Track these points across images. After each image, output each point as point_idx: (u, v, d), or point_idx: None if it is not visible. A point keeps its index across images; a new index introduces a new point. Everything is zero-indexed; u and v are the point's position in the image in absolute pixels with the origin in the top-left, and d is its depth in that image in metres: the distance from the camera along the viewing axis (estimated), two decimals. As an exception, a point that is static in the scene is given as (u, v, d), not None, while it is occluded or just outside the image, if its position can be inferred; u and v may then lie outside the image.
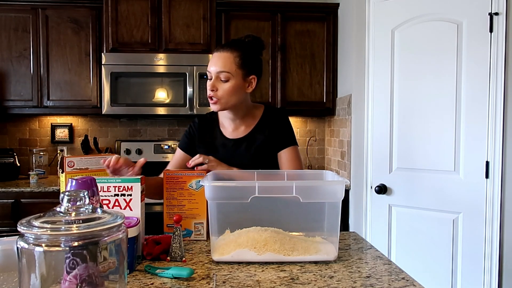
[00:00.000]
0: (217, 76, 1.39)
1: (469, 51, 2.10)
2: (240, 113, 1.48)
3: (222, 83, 1.39)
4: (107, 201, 1.13)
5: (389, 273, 1.01)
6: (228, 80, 1.38)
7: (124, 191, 1.14)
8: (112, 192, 1.13)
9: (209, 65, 1.41)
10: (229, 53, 1.39)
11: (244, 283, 0.94)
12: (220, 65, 1.38)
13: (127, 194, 1.14)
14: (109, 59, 2.84)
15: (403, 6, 2.29)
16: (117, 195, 1.13)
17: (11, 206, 2.62)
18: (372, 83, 2.41)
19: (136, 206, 1.13)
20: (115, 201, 1.13)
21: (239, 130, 1.51)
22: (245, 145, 1.48)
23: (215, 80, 1.39)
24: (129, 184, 1.14)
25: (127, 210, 1.13)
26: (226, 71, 1.38)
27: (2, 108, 2.92)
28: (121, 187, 1.13)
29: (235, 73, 1.39)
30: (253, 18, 3.00)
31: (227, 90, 1.39)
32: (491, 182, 2.07)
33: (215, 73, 1.39)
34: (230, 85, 1.39)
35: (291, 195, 1.06)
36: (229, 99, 1.40)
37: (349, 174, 2.69)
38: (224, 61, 1.38)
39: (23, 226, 0.66)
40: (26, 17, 2.90)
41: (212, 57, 1.42)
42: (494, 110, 2.04)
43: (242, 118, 1.50)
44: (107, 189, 1.13)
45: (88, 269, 0.69)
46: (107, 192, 1.13)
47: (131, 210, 1.13)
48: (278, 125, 1.50)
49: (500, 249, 2.06)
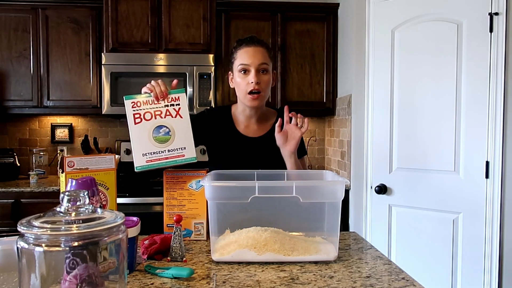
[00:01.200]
0: (258, 68, 1.39)
1: (469, 51, 2.10)
2: (259, 112, 1.50)
3: (262, 75, 1.40)
4: (159, 112, 1.23)
5: (389, 273, 1.01)
6: (267, 72, 1.42)
7: (173, 101, 1.24)
8: (162, 104, 1.23)
9: (243, 59, 1.40)
10: (262, 48, 1.42)
11: (244, 283, 0.94)
12: (261, 57, 1.40)
13: (175, 104, 1.24)
14: (109, 59, 2.84)
15: (403, 6, 2.29)
16: (167, 105, 1.24)
17: (11, 206, 2.62)
18: (372, 83, 2.41)
19: (185, 114, 1.24)
20: (166, 111, 1.24)
21: (252, 129, 1.52)
22: (265, 145, 1.49)
23: (257, 72, 1.39)
24: (176, 95, 1.25)
25: (177, 118, 1.23)
26: (266, 62, 1.41)
27: (2, 108, 2.92)
28: (169, 98, 1.25)
29: (270, 66, 1.43)
30: (253, 18, 3.00)
31: (267, 82, 1.42)
32: (491, 182, 2.07)
33: (257, 65, 1.39)
34: (269, 77, 1.43)
35: (291, 195, 1.06)
36: (267, 92, 1.44)
37: (349, 174, 2.69)
38: (263, 54, 1.41)
39: (23, 226, 0.66)
40: (26, 17, 2.90)
41: (244, 51, 1.41)
42: (494, 110, 2.04)
43: (258, 117, 1.51)
44: (157, 101, 1.23)
45: (88, 269, 0.69)
46: (158, 104, 1.23)
47: (181, 117, 1.24)
48: None
49: (500, 249, 2.06)
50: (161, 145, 1.22)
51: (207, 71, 2.88)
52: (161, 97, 1.23)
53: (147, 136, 1.22)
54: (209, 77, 2.88)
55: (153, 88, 1.24)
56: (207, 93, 2.88)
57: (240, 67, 1.41)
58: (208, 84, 2.88)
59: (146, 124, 1.22)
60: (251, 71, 1.39)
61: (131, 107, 1.23)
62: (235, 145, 1.50)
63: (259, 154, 1.49)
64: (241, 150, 1.50)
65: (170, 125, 1.23)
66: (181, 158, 1.22)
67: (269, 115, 1.56)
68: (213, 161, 1.55)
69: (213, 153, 1.55)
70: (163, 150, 1.22)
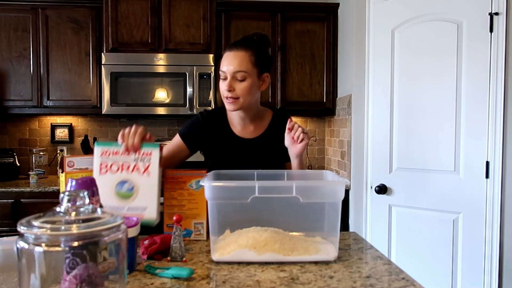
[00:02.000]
0: (233, 75, 1.37)
1: (469, 51, 2.10)
2: (251, 113, 1.48)
3: (238, 82, 1.38)
4: (127, 165, 1.16)
5: (389, 273, 1.01)
6: (244, 79, 1.37)
7: (144, 156, 1.17)
8: (132, 157, 1.17)
9: (222, 64, 1.39)
10: (243, 52, 1.38)
11: (244, 283, 0.94)
12: (236, 64, 1.36)
13: (146, 159, 1.17)
14: (109, 59, 2.84)
15: (403, 6, 2.29)
16: (137, 160, 1.17)
17: (11, 206, 2.62)
18: (372, 83, 2.41)
19: (154, 171, 1.16)
20: (134, 165, 1.17)
21: (248, 130, 1.51)
22: (260, 146, 1.48)
23: (232, 80, 1.37)
24: (148, 149, 1.18)
25: (145, 175, 1.16)
26: (243, 70, 1.36)
27: (2, 108, 2.91)
28: (140, 152, 1.18)
29: (251, 72, 1.38)
30: (253, 18, 3.00)
31: (244, 89, 1.38)
32: (491, 182, 2.07)
33: (232, 72, 1.37)
34: (247, 84, 1.38)
35: (291, 195, 1.06)
36: (246, 98, 1.39)
37: (349, 174, 2.69)
38: (240, 60, 1.37)
39: (23, 226, 0.66)
40: (26, 17, 2.90)
41: (225, 56, 1.40)
42: (494, 110, 2.04)
43: (252, 118, 1.50)
44: (127, 153, 1.17)
45: (88, 269, 0.69)
46: (127, 157, 1.17)
47: (149, 175, 1.16)
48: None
49: (500, 249, 2.06)
50: (122, 201, 1.16)
51: (207, 71, 2.88)
52: (132, 150, 1.17)
53: (110, 189, 1.15)
54: (209, 77, 2.88)
55: (126, 138, 1.18)
56: (207, 93, 2.88)
57: (220, 73, 1.41)
58: (208, 84, 2.88)
59: (111, 176, 1.16)
60: (228, 78, 1.38)
61: (99, 155, 1.18)
62: (231, 147, 1.50)
63: (255, 155, 1.48)
64: (237, 151, 1.49)
65: (136, 181, 1.16)
66: (140, 219, 1.10)
67: (265, 115, 1.55)
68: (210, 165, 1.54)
69: (210, 156, 1.54)
70: (123, 207, 1.15)
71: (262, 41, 1.47)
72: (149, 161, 1.17)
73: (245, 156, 1.48)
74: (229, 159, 1.49)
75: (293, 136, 1.35)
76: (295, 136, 1.34)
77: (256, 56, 1.39)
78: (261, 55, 1.42)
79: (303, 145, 1.35)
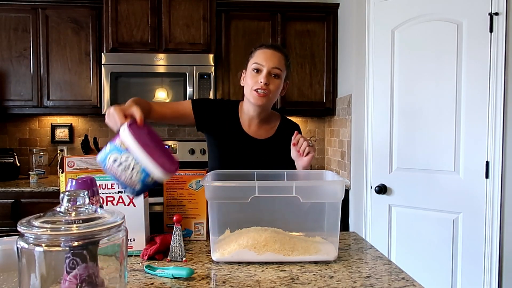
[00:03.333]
0: (270, 71, 1.41)
1: (469, 51, 2.10)
2: (262, 114, 1.51)
3: (273, 78, 1.42)
4: (111, 198, 1.14)
5: (389, 273, 1.01)
6: (278, 77, 1.43)
7: None
8: (116, 189, 1.15)
9: (259, 58, 1.42)
10: (281, 54, 1.44)
11: (244, 283, 0.94)
12: (276, 61, 1.42)
13: None
14: (109, 59, 2.84)
15: (403, 6, 2.29)
16: (121, 192, 1.15)
17: (11, 206, 2.62)
18: (372, 83, 2.41)
19: (139, 203, 1.15)
20: (119, 198, 1.15)
21: (253, 129, 1.52)
22: (268, 149, 1.50)
23: (268, 74, 1.41)
24: None
25: (130, 207, 1.14)
26: (280, 68, 1.42)
27: (2, 108, 2.92)
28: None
29: (283, 74, 1.44)
30: (253, 18, 3.00)
31: (276, 86, 1.43)
32: (491, 182, 2.07)
33: (271, 67, 1.41)
34: (278, 82, 1.43)
35: (291, 195, 1.06)
36: (274, 96, 1.44)
37: (349, 174, 2.69)
38: (279, 59, 1.43)
39: (23, 226, 0.66)
40: (26, 17, 2.90)
41: (262, 52, 1.43)
42: (494, 110, 2.04)
43: (261, 119, 1.52)
44: (110, 186, 1.15)
45: (88, 269, 0.69)
46: (111, 190, 1.15)
47: (135, 206, 1.15)
48: None
49: (500, 249, 2.06)
50: None
51: (207, 71, 2.88)
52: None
53: None
54: (209, 77, 2.88)
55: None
56: (207, 93, 2.88)
57: (254, 65, 1.43)
58: (208, 84, 2.88)
59: None
60: (263, 71, 1.40)
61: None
62: (238, 141, 1.50)
63: (261, 156, 1.49)
64: (243, 148, 1.50)
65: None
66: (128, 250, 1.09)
67: (273, 118, 1.57)
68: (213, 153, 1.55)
69: (213, 143, 1.55)
70: None
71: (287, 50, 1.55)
72: None
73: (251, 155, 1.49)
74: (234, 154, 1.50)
75: (298, 149, 1.36)
76: (300, 150, 1.36)
77: (286, 61, 1.46)
78: (289, 62, 1.49)
79: (309, 158, 1.36)
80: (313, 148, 1.36)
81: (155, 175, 0.93)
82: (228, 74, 2.98)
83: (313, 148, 1.36)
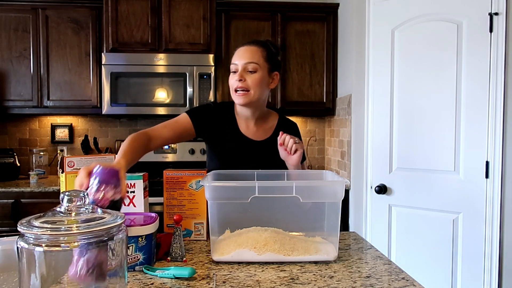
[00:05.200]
0: (244, 67, 1.39)
1: (469, 51, 2.10)
2: (257, 113, 1.49)
3: (249, 74, 1.39)
4: None
5: (389, 273, 1.01)
6: (256, 71, 1.39)
7: (128, 188, 1.16)
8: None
9: (234, 58, 1.42)
10: (256, 47, 1.41)
11: (244, 283, 0.94)
12: (248, 56, 1.39)
13: (130, 191, 1.16)
14: (109, 59, 2.84)
15: (403, 6, 2.29)
16: None
17: (11, 206, 2.62)
18: (372, 83, 2.41)
19: (139, 203, 1.15)
20: None
21: (251, 130, 1.50)
22: (266, 150, 1.48)
23: (243, 71, 1.39)
24: (131, 181, 1.17)
25: (130, 207, 1.15)
26: (255, 62, 1.39)
27: (2, 108, 2.92)
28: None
29: (262, 66, 1.40)
30: (253, 18, 3.00)
31: (255, 81, 1.39)
32: (491, 182, 2.07)
33: (243, 64, 1.39)
34: (257, 76, 1.39)
35: (291, 195, 1.06)
36: (256, 91, 1.40)
37: (349, 174, 2.69)
38: (252, 53, 1.40)
39: (23, 226, 0.66)
40: (26, 17, 2.90)
41: (237, 51, 1.43)
42: (494, 110, 2.04)
43: (257, 119, 1.50)
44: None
45: (101, 254, 0.69)
46: None
47: (135, 207, 1.15)
48: None
49: (500, 248, 2.06)
50: None
51: (207, 71, 2.88)
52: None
53: None
54: (209, 77, 2.88)
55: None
56: (207, 93, 2.88)
57: (231, 67, 1.43)
58: (208, 84, 2.88)
59: None
60: (238, 70, 1.40)
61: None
62: (236, 145, 1.49)
63: (260, 158, 1.48)
64: (242, 151, 1.49)
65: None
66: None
67: (270, 117, 1.55)
68: (212, 158, 1.54)
69: (213, 149, 1.54)
70: None
71: (273, 45, 1.49)
72: (133, 193, 1.17)
73: (249, 157, 1.48)
74: (233, 156, 1.49)
75: (285, 148, 1.35)
76: (288, 148, 1.35)
77: (267, 53, 1.42)
78: (272, 54, 1.44)
79: (298, 155, 1.35)
80: (300, 145, 1.35)
81: None
82: (228, 74, 2.96)
83: (300, 144, 1.35)
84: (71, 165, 1.23)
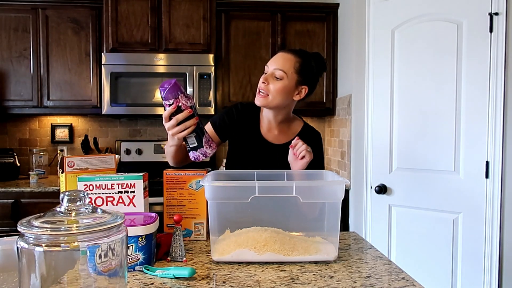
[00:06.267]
0: (272, 72, 1.40)
1: (469, 51, 2.10)
2: (279, 117, 1.49)
3: (275, 80, 1.40)
4: (111, 198, 1.16)
5: (389, 273, 1.01)
6: (282, 79, 1.39)
7: (128, 188, 1.17)
8: (116, 189, 1.17)
9: (269, 61, 1.44)
10: (291, 56, 1.41)
11: (244, 283, 0.94)
12: (279, 63, 1.40)
13: (130, 191, 1.17)
14: (109, 59, 2.84)
15: (403, 6, 2.29)
16: (121, 192, 1.17)
17: (11, 206, 2.62)
18: (372, 83, 2.41)
19: (139, 203, 1.16)
20: (119, 198, 1.17)
21: (272, 134, 1.52)
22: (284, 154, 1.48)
23: (270, 75, 1.40)
24: (131, 181, 1.18)
25: (130, 207, 1.16)
26: (283, 70, 1.39)
27: (2, 108, 2.92)
28: (124, 184, 1.17)
29: (290, 76, 1.40)
30: (253, 18, 3.00)
31: (277, 89, 1.39)
32: (491, 182, 2.07)
33: (273, 69, 1.40)
34: (281, 84, 1.39)
35: (291, 195, 1.06)
36: (275, 98, 1.40)
37: (349, 174, 2.69)
38: (284, 61, 1.40)
39: (23, 226, 0.66)
40: (26, 17, 2.90)
41: (274, 55, 1.44)
42: (494, 110, 2.04)
43: (280, 123, 1.51)
44: (110, 186, 1.16)
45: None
46: (111, 190, 1.17)
47: (135, 207, 1.16)
48: (316, 150, 1.48)
49: (500, 249, 2.06)
50: None
51: (207, 71, 2.88)
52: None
53: None
54: (209, 77, 2.88)
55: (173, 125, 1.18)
56: (207, 93, 2.88)
57: (265, 67, 1.44)
58: (208, 84, 2.88)
59: None
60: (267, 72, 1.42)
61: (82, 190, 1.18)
62: (254, 146, 1.51)
63: (275, 161, 1.49)
64: (258, 152, 1.50)
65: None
66: None
67: (294, 124, 1.56)
68: (230, 156, 1.57)
69: (232, 148, 1.56)
70: None
71: (316, 60, 1.47)
72: (133, 193, 1.18)
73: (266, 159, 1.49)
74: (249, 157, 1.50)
75: (295, 152, 1.36)
76: (297, 152, 1.35)
77: (301, 65, 1.41)
78: (307, 67, 1.43)
79: (304, 162, 1.35)
80: (309, 154, 1.35)
81: None
82: (228, 74, 2.98)
83: (309, 153, 1.35)
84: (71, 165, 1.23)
